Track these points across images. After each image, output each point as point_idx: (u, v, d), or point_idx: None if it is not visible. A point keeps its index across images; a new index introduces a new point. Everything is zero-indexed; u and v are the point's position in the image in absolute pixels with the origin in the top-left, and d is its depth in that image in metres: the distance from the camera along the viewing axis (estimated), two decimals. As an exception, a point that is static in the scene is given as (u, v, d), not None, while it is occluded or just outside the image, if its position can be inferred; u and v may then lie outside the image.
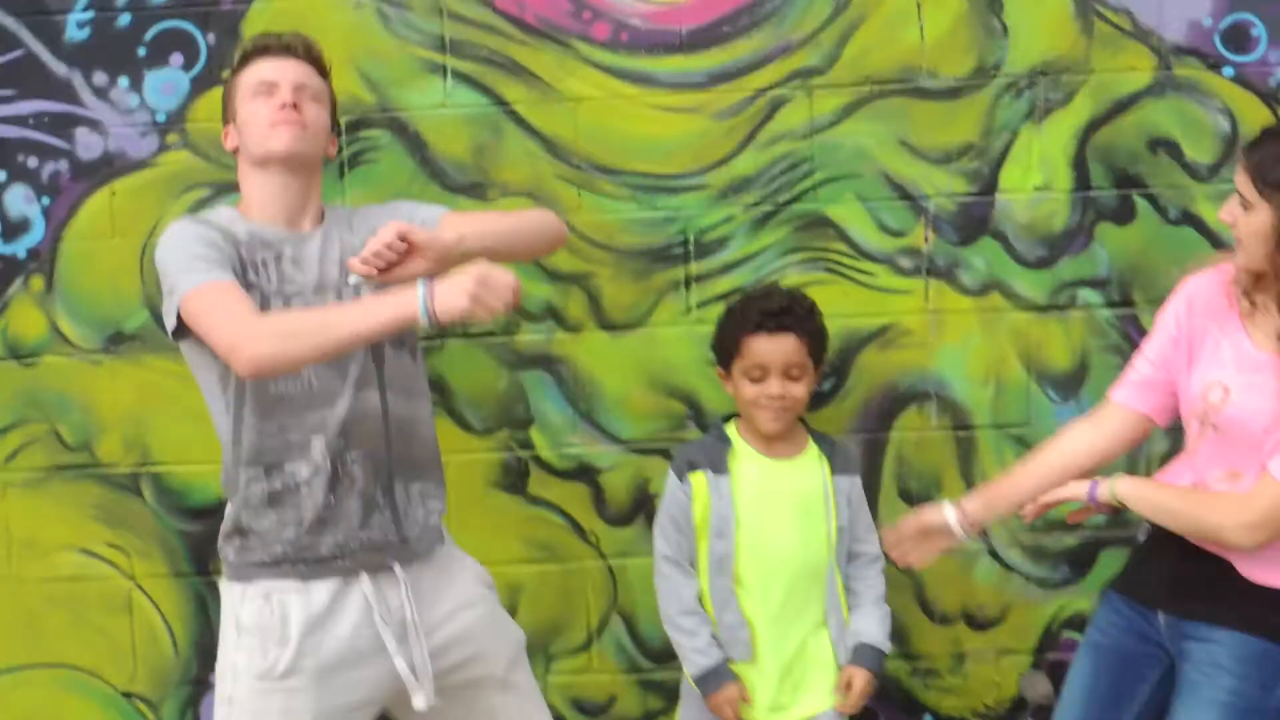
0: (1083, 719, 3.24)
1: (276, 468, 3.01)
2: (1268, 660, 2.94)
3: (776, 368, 3.45)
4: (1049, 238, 3.81)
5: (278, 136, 3.05)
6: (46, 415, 3.82)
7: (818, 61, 3.74)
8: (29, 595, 3.85)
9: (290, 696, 2.99)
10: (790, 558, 3.53)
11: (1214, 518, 2.92)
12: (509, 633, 3.29)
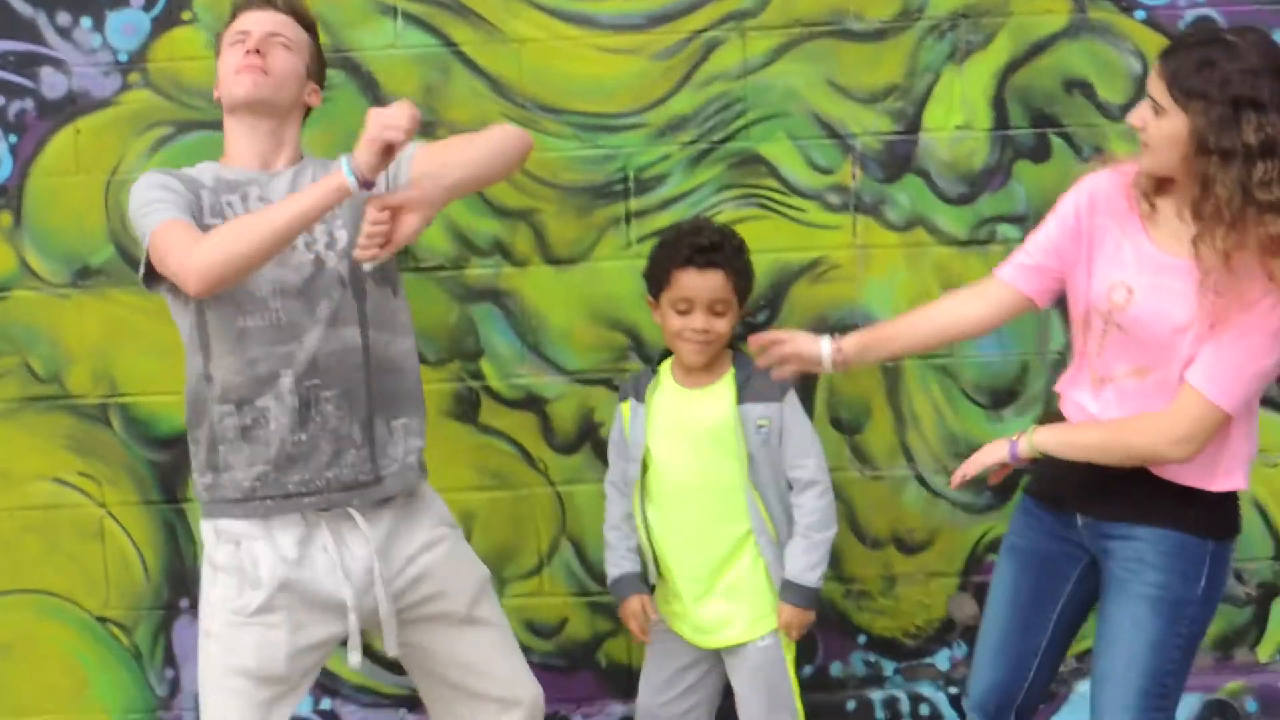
0: (1009, 620, 3.21)
1: (247, 403, 2.95)
2: (1187, 553, 2.93)
3: (702, 302, 3.40)
4: (970, 175, 3.80)
5: (239, 83, 3.02)
6: (16, 348, 3.80)
7: (750, 4, 3.72)
8: (3, 524, 3.84)
9: (265, 630, 2.96)
10: (695, 483, 3.51)
11: (1144, 440, 2.89)
12: (472, 570, 3.24)
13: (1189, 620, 2.94)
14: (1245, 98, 2.69)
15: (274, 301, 2.95)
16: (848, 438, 3.88)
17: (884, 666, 3.96)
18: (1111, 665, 2.98)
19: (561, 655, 3.94)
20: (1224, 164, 2.70)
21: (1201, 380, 2.80)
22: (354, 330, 3.01)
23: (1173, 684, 2.97)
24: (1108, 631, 3.01)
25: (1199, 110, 2.72)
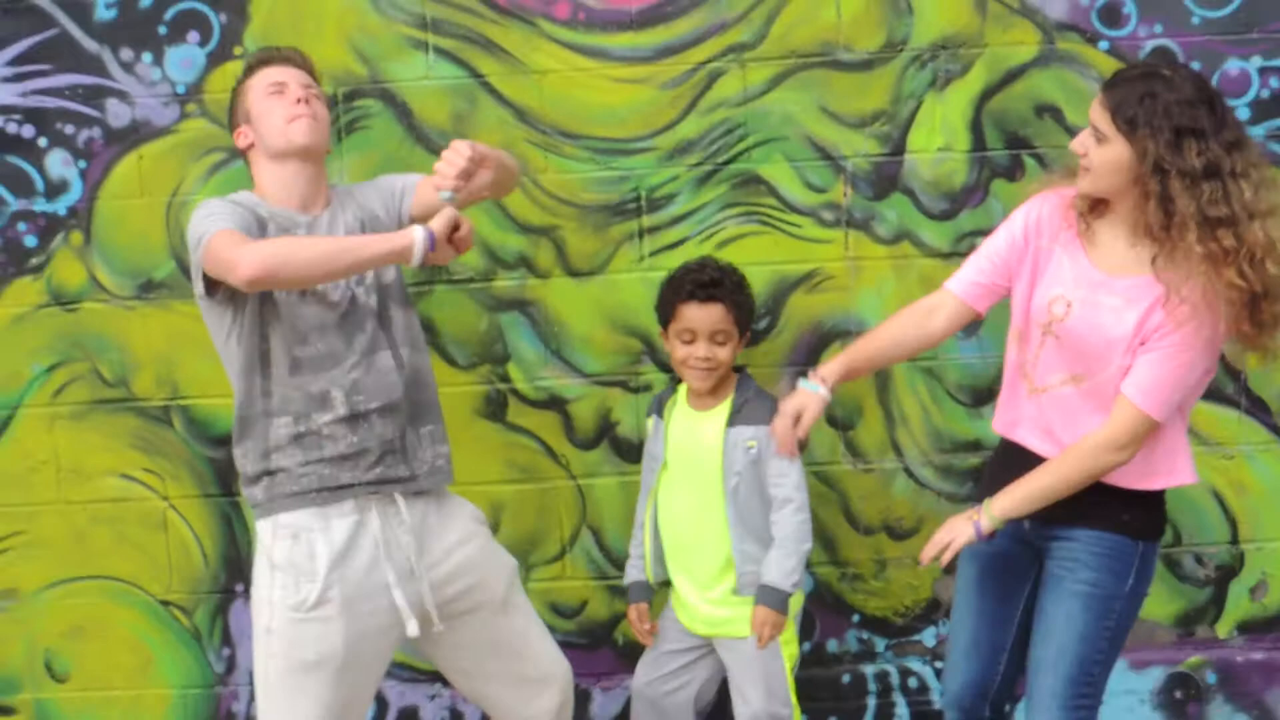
0: (977, 620, 3.23)
1: (304, 416, 2.97)
2: (1120, 553, 2.94)
3: (704, 333, 3.40)
4: (951, 193, 3.77)
5: (298, 129, 3.02)
6: (87, 355, 3.78)
7: (749, 38, 3.70)
8: (76, 516, 3.83)
9: (324, 625, 2.94)
10: (687, 499, 3.52)
11: (1090, 459, 2.89)
12: (503, 561, 3.25)
13: (1117, 614, 2.95)
14: (1186, 127, 2.72)
15: (314, 336, 2.98)
16: (842, 434, 3.84)
17: (876, 643, 3.92)
18: (1045, 654, 2.97)
19: (582, 634, 3.91)
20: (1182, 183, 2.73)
21: (1135, 393, 2.81)
22: (386, 354, 3.05)
23: (1099, 672, 2.98)
24: (1043, 624, 3.01)
25: (1147, 136, 2.75)
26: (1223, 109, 2.78)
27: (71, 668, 3.87)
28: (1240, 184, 2.71)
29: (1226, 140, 2.73)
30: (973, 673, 3.20)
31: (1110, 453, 2.84)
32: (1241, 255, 2.69)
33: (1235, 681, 3.88)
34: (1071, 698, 2.92)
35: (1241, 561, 3.85)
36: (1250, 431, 3.79)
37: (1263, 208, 2.72)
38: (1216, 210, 2.69)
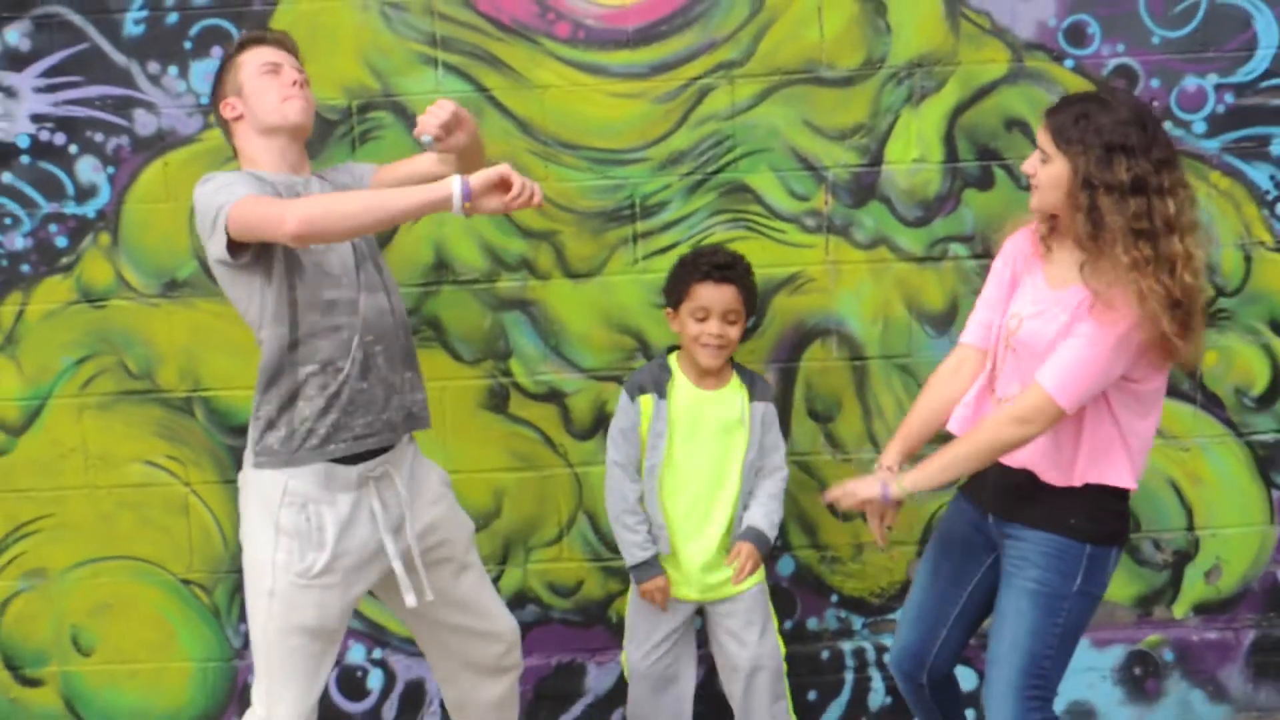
0: (927, 592, 3.26)
1: (330, 362, 2.96)
2: (1067, 554, 2.91)
3: (717, 311, 3.40)
4: (925, 201, 3.78)
5: (293, 108, 3.02)
6: (114, 349, 3.78)
7: (737, 56, 3.71)
8: (103, 500, 3.83)
9: (324, 592, 2.95)
10: (703, 470, 3.51)
11: (992, 430, 2.90)
12: (465, 523, 3.28)
13: (1065, 612, 2.92)
14: (1117, 144, 2.74)
15: (342, 279, 2.98)
16: (822, 426, 3.85)
17: (853, 621, 3.93)
18: (999, 648, 2.97)
19: (578, 612, 3.91)
20: (1110, 197, 2.75)
21: (1045, 376, 2.81)
22: (382, 294, 3.06)
23: (1050, 666, 2.95)
24: (997, 619, 3.01)
25: (1079, 153, 2.78)
26: (1155, 129, 2.80)
27: (97, 642, 3.87)
28: (1166, 200, 2.73)
29: (1156, 158, 2.75)
30: (912, 640, 3.24)
31: (1012, 425, 2.84)
32: (1160, 265, 2.70)
33: (1191, 659, 3.89)
34: (1024, 688, 2.91)
35: (1197, 547, 3.87)
36: (1205, 425, 3.82)
37: (1185, 223, 2.74)
38: (1140, 223, 2.71)
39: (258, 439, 2.99)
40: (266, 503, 2.95)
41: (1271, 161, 3.73)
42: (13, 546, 3.83)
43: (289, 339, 2.94)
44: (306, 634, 2.94)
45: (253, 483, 3.00)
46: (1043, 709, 2.93)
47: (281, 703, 2.96)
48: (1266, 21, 3.66)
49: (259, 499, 2.98)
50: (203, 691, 3.90)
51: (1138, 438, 2.91)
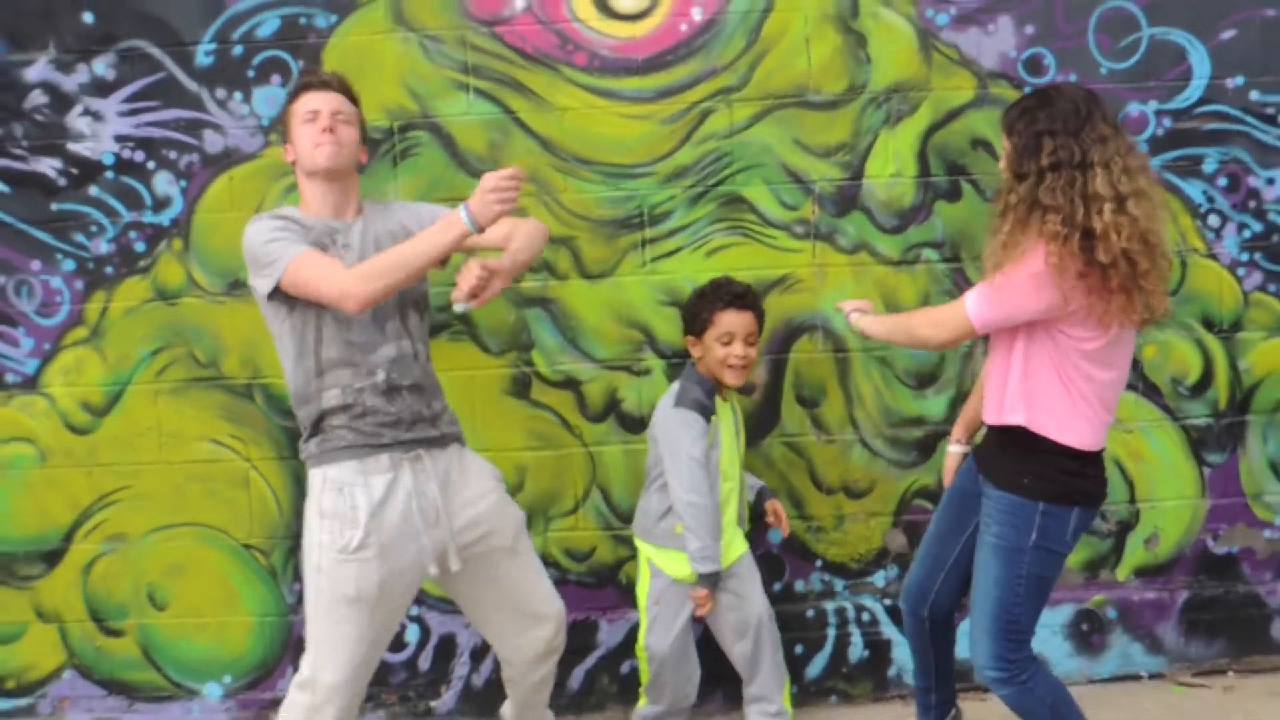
0: (933, 535, 3.30)
1: (352, 389, 2.99)
2: (1020, 511, 2.90)
3: (741, 335, 3.41)
4: (901, 211, 3.81)
5: (321, 154, 2.99)
6: (185, 341, 3.80)
7: (735, 82, 3.74)
8: (174, 474, 3.85)
9: (363, 565, 2.95)
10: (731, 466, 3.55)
11: (914, 324, 3.01)
12: (513, 514, 3.23)
13: (1026, 564, 2.90)
14: (1044, 130, 2.74)
15: (357, 326, 2.99)
16: (808, 411, 3.87)
17: (835, 584, 3.94)
18: (975, 594, 3.00)
19: (591, 575, 3.91)
20: (1019, 182, 2.77)
21: (967, 295, 2.87)
22: (407, 342, 3.07)
23: (1020, 613, 2.93)
24: (974, 568, 3.03)
25: (1014, 144, 2.81)
26: (1090, 110, 2.74)
27: (170, 599, 3.89)
28: (1094, 172, 2.67)
29: (1090, 137, 2.70)
30: (919, 576, 3.29)
31: (926, 327, 2.95)
32: (1068, 236, 2.66)
33: (1131, 616, 3.94)
34: (997, 632, 2.92)
35: (1137, 517, 3.91)
36: (1145, 411, 3.85)
37: (1124, 189, 2.67)
38: (1051, 199, 2.68)
39: (303, 445, 3.05)
40: (314, 493, 3.00)
41: (1204, 179, 3.76)
42: (97, 514, 3.84)
43: (314, 369, 2.99)
44: (348, 604, 2.94)
45: (309, 479, 3.05)
46: (1017, 649, 2.93)
47: (326, 667, 2.96)
48: (1200, 55, 3.70)
49: (311, 492, 3.02)
50: (261, 642, 3.91)
51: (1084, 397, 2.84)
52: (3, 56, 3.64)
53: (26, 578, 3.86)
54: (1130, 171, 2.70)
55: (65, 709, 3.90)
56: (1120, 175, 2.68)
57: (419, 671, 3.93)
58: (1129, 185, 2.69)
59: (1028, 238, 2.74)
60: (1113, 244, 2.65)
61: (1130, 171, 2.70)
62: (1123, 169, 2.69)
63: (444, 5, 3.67)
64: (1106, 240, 2.65)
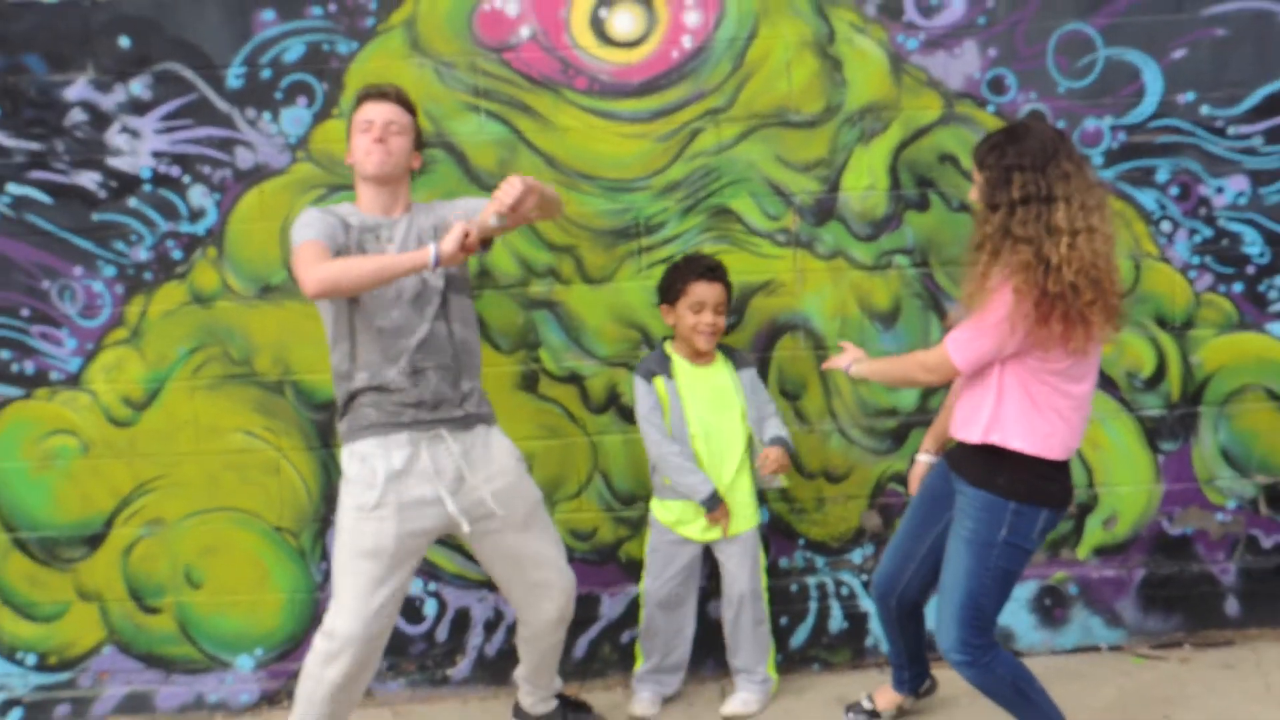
0: (905, 530, 3.30)
1: (380, 373, 3.07)
2: (993, 508, 2.92)
3: (710, 304, 3.51)
4: (874, 221, 3.83)
5: (370, 162, 3.12)
6: (219, 341, 3.82)
7: (722, 104, 3.76)
8: (211, 463, 3.86)
9: (379, 522, 3.04)
10: (708, 427, 3.60)
11: (909, 370, 3.02)
12: (527, 493, 3.29)
13: (995, 558, 2.92)
14: (1014, 165, 2.76)
15: (392, 310, 3.08)
16: (791, 403, 3.90)
17: (817, 561, 3.97)
18: (945, 582, 3.02)
19: (594, 553, 3.95)
20: (993, 215, 2.79)
21: (948, 340, 2.91)
22: (443, 323, 3.14)
23: (986, 603, 2.96)
24: (945, 559, 3.04)
25: (985, 177, 2.84)
26: (1057, 148, 2.77)
27: (205, 578, 3.91)
28: (1057, 206, 2.71)
29: (1055, 173, 2.73)
30: (888, 567, 3.30)
31: (917, 369, 2.97)
32: (1034, 265, 2.70)
33: (1091, 592, 3.95)
34: (963, 620, 2.94)
35: (1096, 501, 3.92)
36: (1103, 402, 3.85)
37: (1079, 225, 2.71)
38: (1022, 230, 2.71)
39: (338, 424, 3.18)
40: (344, 466, 3.14)
41: (1157, 188, 3.79)
42: (137, 500, 3.86)
43: (348, 351, 3.10)
44: (365, 556, 3.03)
45: (342, 458, 3.16)
46: (981, 635, 2.96)
47: (343, 612, 3.05)
48: (1153, 73, 3.73)
49: (344, 466, 3.14)
50: (290, 617, 3.93)
51: (1055, 412, 2.86)
52: (43, 77, 3.65)
53: (69, 560, 3.88)
54: (1086, 208, 2.74)
55: (105, 682, 3.92)
56: (1078, 211, 2.72)
57: (436, 642, 3.97)
58: (1083, 221, 2.73)
59: (999, 270, 2.77)
60: (1063, 275, 2.69)
61: (1086, 208, 2.74)
62: (1080, 205, 2.73)
63: (456, 33, 3.70)
64: (1059, 272, 2.70)
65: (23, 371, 3.81)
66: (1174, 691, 3.64)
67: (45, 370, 3.81)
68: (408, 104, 3.19)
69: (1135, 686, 3.69)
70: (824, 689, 3.83)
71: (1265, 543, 3.93)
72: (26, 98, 3.67)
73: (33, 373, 3.81)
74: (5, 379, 3.82)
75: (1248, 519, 3.92)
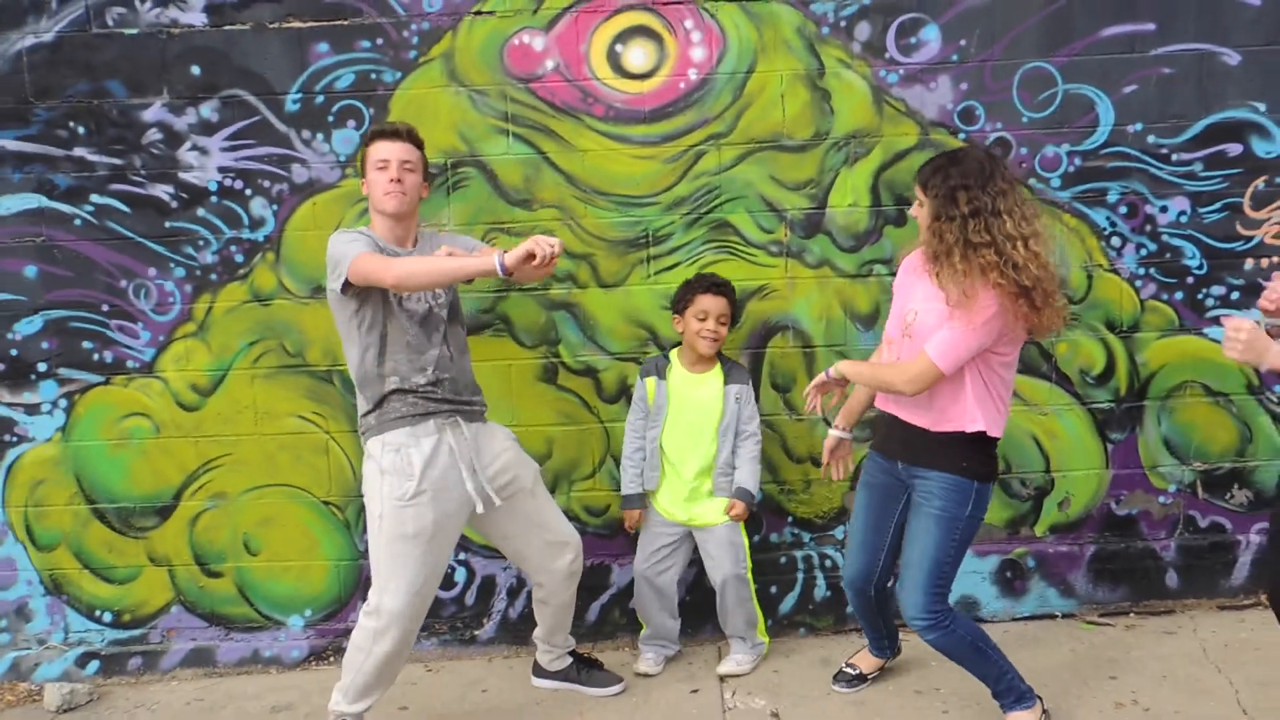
0: (865, 528, 3.29)
1: (406, 378, 3.12)
2: (958, 488, 2.98)
3: (714, 314, 3.55)
4: (857, 234, 3.84)
5: (388, 202, 3.11)
6: (277, 335, 3.86)
7: (723, 129, 3.78)
8: (267, 443, 3.90)
9: (418, 509, 3.06)
10: (686, 431, 3.63)
11: (890, 377, 2.98)
12: (529, 463, 3.37)
13: (959, 531, 3.00)
14: (959, 185, 2.83)
15: (412, 328, 3.13)
16: (781, 395, 3.93)
17: (803, 536, 4.00)
18: (912, 555, 3.05)
19: (605, 527, 3.97)
20: (949, 225, 2.86)
21: (930, 348, 2.90)
22: (446, 348, 3.19)
23: (949, 569, 3.03)
24: (910, 536, 3.08)
25: (933, 197, 2.90)
26: (994, 169, 2.85)
27: (262, 546, 3.95)
28: (1004, 219, 2.80)
29: (994, 190, 2.82)
30: (862, 565, 3.30)
31: (902, 381, 2.92)
32: (1003, 265, 2.78)
33: (1048, 566, 3.98)
34: (929, 586, 2.98)
35: (1052, 484, 3.95)
36: (1058, 396, 3.91)
37: (1025, 232, 2.80)
38: (979, 238, 2.79)
39: (362, 420, 3.20)
40: (374, 457, 3.13)
41: (1108, 207, 3.83)
42: (201, 476, 3.91)
43: (376, 360, 3.12)
44: (406, 541, 3.05)
45: (367, 449, 3.19)
46: (941, 600, 3.02)
47: (388, 593, 3.07)
48: (1105, 106, 3.77)
49: (371, 456, 3.15)
50: (337, 582, 3.97)
51: (1001, 399, 2.99)
52: (124, 100, 3.70)
53: (142, 529, 3.92)
54: (1027, 218, 2.84)
55: (172, 637, 3.96)
56: (1021, 220, 2.82)
57: (465, 606, 4.00)
58: (1029, 229, 2.83)
59: (974, 273, 2.87)
60: (1031, 272, 2.79)
61: (1027, 218, 2.84)
62: (1022, 216, 2.83)
63: (488, 65, 3.73)
64: (1027, 270, 2.78)
65: (103, 360, 3.85)
66: (1120, 654, 3.67)
67: (122, 359, 3.85)
68: (417, 140, 3.17)
69: (1086, 649, 3.72)
70: (810, 651, 3.85)
71: (1201, 522, 3.97)
72: (109, 119, 3.73)
73: (111, 361, 3.85)
74: (87, 367, 3.85)
75: (1186, 501, 3.95)
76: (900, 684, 3.57)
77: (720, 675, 3.69)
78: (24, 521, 3.91)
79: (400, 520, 3.04)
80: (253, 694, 3.79)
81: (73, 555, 3.93)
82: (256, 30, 3.67)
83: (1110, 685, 3.39)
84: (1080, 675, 3.49)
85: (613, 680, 3.65)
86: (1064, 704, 3.32)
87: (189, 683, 3.92)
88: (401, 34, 3.68)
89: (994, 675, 3.09)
